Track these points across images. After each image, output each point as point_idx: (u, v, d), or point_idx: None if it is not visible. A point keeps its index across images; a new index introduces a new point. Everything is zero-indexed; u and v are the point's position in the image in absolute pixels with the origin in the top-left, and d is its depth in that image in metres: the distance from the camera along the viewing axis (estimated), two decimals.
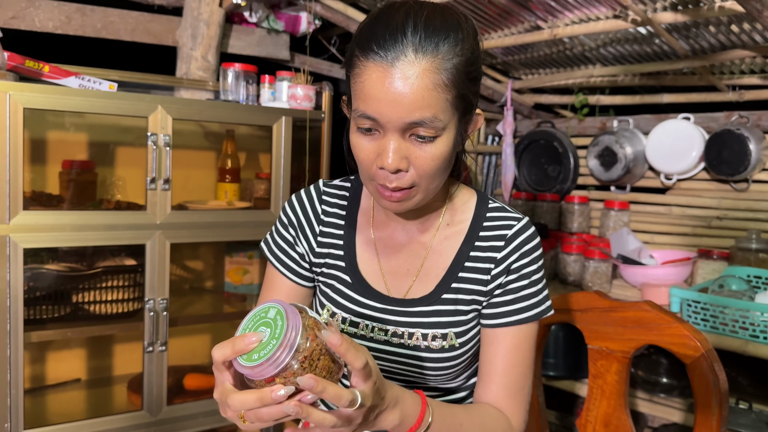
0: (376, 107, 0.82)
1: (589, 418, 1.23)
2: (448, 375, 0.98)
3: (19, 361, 1.58)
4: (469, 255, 0.97)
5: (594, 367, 1.22)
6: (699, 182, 2.22)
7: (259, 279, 2.14)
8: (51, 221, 1.59)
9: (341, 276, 1.00)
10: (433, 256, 0.98)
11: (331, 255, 1.01)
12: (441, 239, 0.99)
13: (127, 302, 1.81)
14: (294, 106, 1.96)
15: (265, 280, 1.05)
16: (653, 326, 1.14)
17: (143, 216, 1.71)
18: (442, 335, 0.95)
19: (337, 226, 1.02)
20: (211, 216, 1.84)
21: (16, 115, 1.51)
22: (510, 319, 0.95)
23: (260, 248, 1.05)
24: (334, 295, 0.99)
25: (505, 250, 0.95)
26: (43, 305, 1.72)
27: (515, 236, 0.96)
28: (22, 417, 1.59)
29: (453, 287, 0.96)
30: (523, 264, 0.95)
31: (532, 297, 0.96)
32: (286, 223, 1.03)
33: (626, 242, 2.18)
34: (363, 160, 0.87)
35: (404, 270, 0.99)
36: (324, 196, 1.04)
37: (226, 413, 0.71)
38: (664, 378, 2.04)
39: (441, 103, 0.82)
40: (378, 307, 0.97)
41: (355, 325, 0.98)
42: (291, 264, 1.02)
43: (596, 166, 2.35)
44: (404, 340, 0.96)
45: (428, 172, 0.86)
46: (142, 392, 1.77)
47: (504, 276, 0.95)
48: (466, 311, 0.96)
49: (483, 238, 0.97)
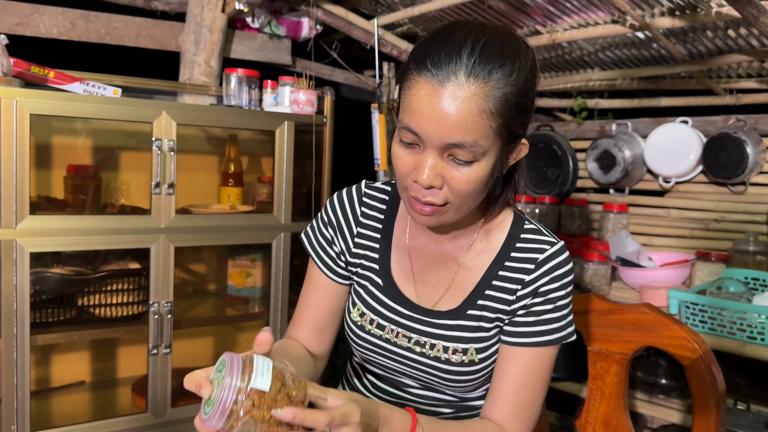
0: (420, 123, 0.83)
1: (588, 419, 1.25)
2: (466, 387, 0.99)
3: (25, 363, 1.59)
4: (498, 274, 0.97)
5: (593, 368, 1.24)
6: (697, 185, 2.24)
7: (262, 282, 2.16)
8: (57, 225, 1.61)
9: (374, 278, 1.03)
10: (463, 272, 0.99)
11: (366, 257, 1.04)
12: (473, 256, 1.00)
13: (131, 305, 1.82)
14: (296, 111, 1.98)
15: (307, 273, 1.09)
16: (652, 328, 1.16)
17: (148, 220, 1.73)
18: (462, 350, 0.96)
19: (374, 229, 1.04)
20: (215, 220, 1.86)
21: (22, 120, 1.53)
22: (528, 340, 0.95)
23: (300, 240, 1.10)
24: (366, 297, 1.02)
25: (535, 274, 0.95)
26: (49, 308, 1.73)
27: (547, 261, 0.95)
28: (28, 419, 1.61)
29: (479, 304, 0.97)
30: (551, 288, 0.95)
31: (554, 322, 0.95)
32: (326, 221, 1.06)
33: (625, 244, 2.20)
34: (400, 170, 0.88)
35: (434, 281, 1.00)
36: (365, 198, 1.06)
37: None
38: (663, 379, 2.06)
39: (484, 130, 0.82)
40: (405, 314, 0.99)
41: (382, 328, 1.00)
42: (328, 261, 1.05)
43: (595, 169, 2.37)
44: (426, 349, 0.97)
45: (461, 193, 0.86)
46: (147, 394, 1.79)
47: (530, 298, 0.95)
48: (488, 328, 0.97)
49: (514, 259, 0.97)
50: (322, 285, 1.06)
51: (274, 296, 1.99)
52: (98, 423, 1.73)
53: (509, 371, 0.95)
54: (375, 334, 1.00)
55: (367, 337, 1.01)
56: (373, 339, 1.01)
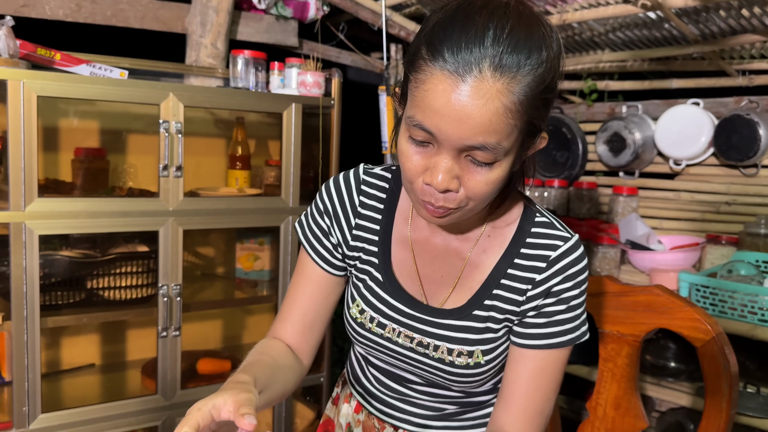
0: (436, 122, 0.73)
1: (599, 400, 1.24)
2: (472, 385, 0.95)
3: (36, 345, 1.60)
4: (507, 272, 0.90)
5: (605, 350, 1.23)
6: (708, 167, 2.21)
7: (270, 265, 2.16)
8: (65, 208, 1.61)
9: (374, 273, 0.95)
10: (469, 269, 0.92)
11: (365, 250, 0.96)
12: (479, 251, 0.92)
13: (140, 288, 1.83)
14: (304, 93, 1.97)
15: (298, 263, 1.01)
16: (664, 310, 1.15)
17: (156, 203, 1.73)
18: (468, 353, 0.90)
19: (373, 220, 0.96)
20: (223, 203, 1.85)
21: (30, 102, 1.53)
22: (540, 342, 0.89)
23: (294, 230, 1.02)
24: (365, 292, 0.96)
25: (546, 273, 0.88)
26: (58, 291, 1.74)
27: (559, 259, 0.88)
28: (39, 400, 1.62)
29: (486, 304, 0.90)
30: (564, 288, 0.88)
31: (567, 322, 0.89)
32: (322, 210, 0.98)
33: (635, 228, 2.19)
34: (409, 170, 0.79)
35: (438, 277, 0.93)
36: (363, 186, 0.97)
37: None
38: (672, 362, 2.06)
39: (507, 129, 0.73)
40: (406, 312, 0.93)
41: (383, 327, 0.94)
42: (324, 252, 0.98)
43: (605, 152, 2.35)
44: (429, 351, 0.92)
45: (479, 196, 0.79)
46: (157, 376, 1.79)
47: (541, 299, 0.88)
48: (496, 329, 0.90)
49: (524, 256, 0.89)
50: (316, 277, 0.98)
51: (282, 279, 1.99)
52: (108, 405, 1.74)
53: (520, 375, 0.89)
54: (375, 333, 0.95)
55: (367, 335, 0.96)
56: (373, 337, 0.95)
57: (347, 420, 1.08)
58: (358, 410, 1.07)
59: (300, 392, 2.24)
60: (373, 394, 1.04)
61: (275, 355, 0.90)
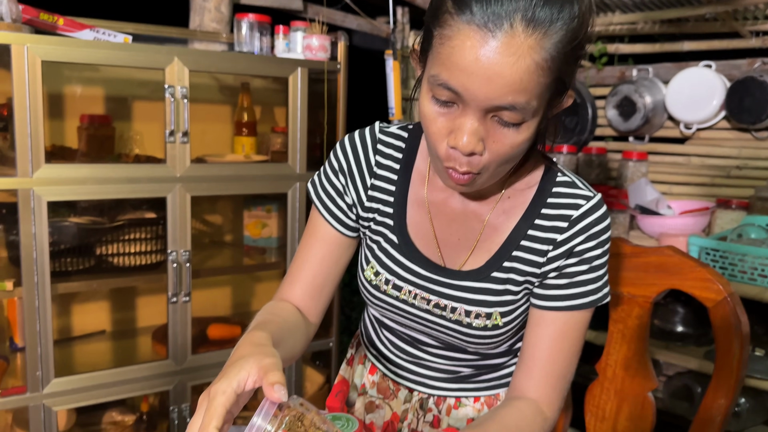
0: (463, 81, 0.69)
1: (609, 362, 1.25)
2: (489, 347, 0.93)
3: (47, 311, 1.61)
4: (527, 233, 0.87)
5: (615, 312, 1.23)
6: (719, 131, 2.19)
7: (277, 232, 2.16)
8: (72, 174, 1.61)
9: (388, 235, 0.93)
10: (488, 231, 0.89)
11: (380, 211, 0.93)
12: (499, 213, 0.89)
13: (149, 254, 1.83)
14: (309, 57, 1.94)
15: (308, 224, 0.98)
16: (676, 271, 1.15)
17: (163, 169, 1.72)
18: (486, 314, 0.88)
19: (389, 180, 0.93)
20: (230, 169, 1.84)
21: (34, 67, 1.51)
22: (561, 303, 0.86)
23: (307, 190, 0.99)
24: (380, 254, 0.93)
25: (568, 233, 0.85)
26: (68, 258, 1.74)
27: (582, 218, 0.85)
28: (52, 365, 1.64)
29: (505, 266, 0.88)
30: (587, 248, 0.85)
31: (589, 283, 0.86)
32: (336, 169, 0.94)
33: (644, 193, 2.17)
34: (433, 134, 0.76)
35: (455, 240, 0.91)
36: (379, 146, 0.93)
37: None
38: (680, 327, 2.06)
39: (538, 88, 0.70)
40: (423, 275, 0.90)
41: (398, 289, 0.92)
42: (338, 213, 0.95)
43: (615, 117, 2.32)
44: (446, 313, 0.90)
45: (503, 158, 0.76)
46: (167, 342, 1.81)
47: (563, 259, 0.86)
48: (515, 291, 0.88)
49: (545, 216, 0.87)
50: (328, 238, 0.95)
51: (290, 246, 1.99)
52: (120, 369, 1.76)
53: (542, 338, 0.87)
54: (391, 295, 0.92)
55: (383, 297, 0.94)
56: (388, 299, 0.93)
57: (362, 381, 1.08)
58: (373, 372, 1.07)
59: (309, 357, 2.26)
60: (387, 357, 1.04)
61: (285, 316, 0.87)
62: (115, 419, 1.95)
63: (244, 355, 0.65)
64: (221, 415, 0.59)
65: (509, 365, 1.01)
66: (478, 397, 1.00)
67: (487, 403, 1.00)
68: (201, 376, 1.86)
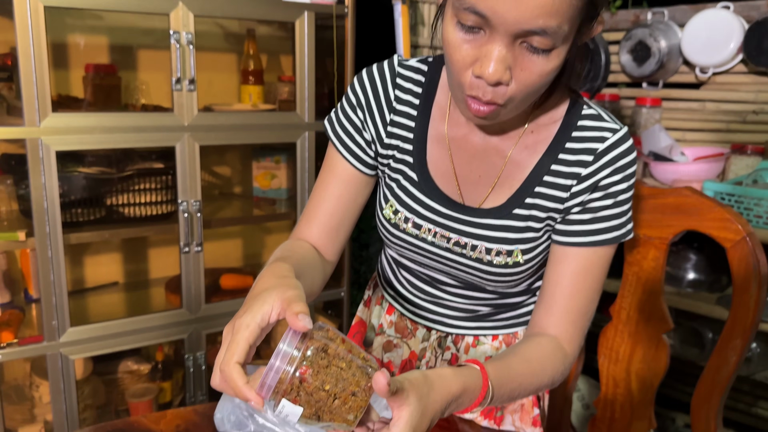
0: (491, 4, 0.66)
1: (623, 304, 1.24)
2: (509, 285, 0.93)
3: (60, 262, 1.62)
4: (551, 168, 0.85)
5: (630, 255, 1.22)
6: (736, 75, 2.14)
7: (287, 183, 2.15)
8: (80, 123, 1.59)
9: (408, 173, 0.91)
10: (510, 167, 0.87)
11: (399, 148, 0.91)
12: (521, 148, 0.87)
13: (160, 205, 1.83)
14: (316, 1, 1.89)
15: (325, 162, 0.95)
16: (694, 211, 1.13)
17: (171, 117, 1.70)
18: (507, 252, 0.87)
19: (409, 116, 0.90)
20: (238, 118, 1.82)
21: (37, 13, 1.48)
22: (584, 239, 0.85)
23: (323, 127, 0.97)
24: (399, 192, 0.91)
25: (593, 166, 0.83)
26: (79, 209, 1.74)
27: (608, 150, 0.82)
28: (67, 315, 1.65)
29: (527, 202, 0.86)
30: (613, 182, 0.83)
31: (614, 218, 0.84)
32: (355, 104, 0.92)
33: (658, 139, 2.14)
34: (457, 62, 0.73)
35: (476, 177, 0.89)
36: (398, 80, 0.90)
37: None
38: (692, 273, 2.06)
39: (570, 11, 0.67)
40: (443, 213, 0.89)
41: (418, 227, 0.90)
42: (355, 149, 0.92)
43: (628, 62, 2.27)
44: (466, 251, 0.88)
45: (530, 87, 0.73)
46: (181, 292, 1.82)
47: (588, 194, 0.84)
48: (537, 228, 0.87)
49: (569, 151, 0.84)
50: (346, 175, 0.93)
51: (300, 197, 1.98)
52: (135, 318, 1.77)
53: (563, 275, 0.85)
54: (410, 233, 0.91)
55: (402, 235, 0.92)
56: (408, 238, 0.92)
57: (379, 321, 1.08)
58: (391, 312, 1.07)
59: (321, 306, 2.28)
60: (405, 297, 1.04)
61: (303, 253, 0.86)
62: (131, 368, 1.98)
63: (267, 288, 0.64)
64: (244, 349, 0.59)
65: (528, 304, 1.01)
66: (497, 335, 1.00)
67: (506, 341, 1.01)
68: (215, 325, 1.88)
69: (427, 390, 0.64)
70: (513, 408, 1.00)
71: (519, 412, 1.00)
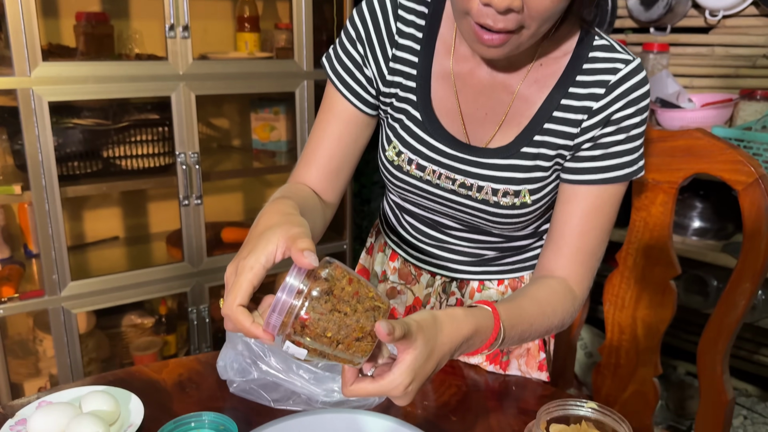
0: None
1: (629, 250, 1.22)
2: (515, 228, 0.90)
3: (58, 215, 1.60)
4: (560, 103, 0.81)
5: (638, 200, 1.20)
6: (746, 18, 2.07)
7: (286, 136, 2.11)
8: (72, 73, 1.55)
9: (411, 112, 0.87)
10: (517, 103, 0.83)
11: (402, 86, 0.87)
12: (530, 82, 0.83)
13: (157, 157, 1.80)
14: None
15: (323, 102, 0.90)
16: (704, 154, 1.10)
17: (165, 66, 1.65)
18: (514, 192, 0.84)
19: (412, 51, 0.85)
20: (235, 66, 1.77)
21: None
22: (595, 176, 0.82)
23: (321, 64, 0.91)
24: (402, 132, 0.88)
25: (605, 99, 0.79)
26: (75, 162, 1.71)
27: (621, 82, 0.79)
28: (68, 269, 1.64)
29: (536, 140, 0.82)
30: (625, 115, 0.80)
31: (625, 154, 0.81)
32: (354, 38, 0.86)
33: (665, 85, 2.09)
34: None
35: (482, 115, 0.85)
36: (401, 11, 0.84)
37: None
38: (697, 222, 2.04)
39: None
40: (448, 153, 0.85)
41: (422, 169, 0.87)
42: (356, 87, 0.88)
43: (636, 5, 2.20)
44: (472, 192, 0.85)
45: (544, 15, 0.69)
46: (182, 245, 1.81)
47: (599, 128, 0.80)
48: (546, 167, 0.83)
49: (580, 84, 0.80)
50: (345, 115, 0.88)
51: (300, 149, 1.95)
52: (137, 272, 1.77)
53: (572, 214, 0.83)
54: (414, 176, 0.88)
55: (405, 178, 0.89)
56: (412, 180, 0.89)
57: (382, 268, 1.06)
58: (394, 258, 1.05)
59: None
60: (409, 242, 1.02)
61: (304, 196, 0.82)
62: (135, 322, 1.98)
63: (271, 225, 0.61)
64: (247, 292, 0.57)
65: (534, 247, 0.99)
66: (502, 279, 0.99)
67: (511, 286, 0.99)
68: (218, 278, 1.88)
69: (435, 332, 0.62)
70: (519, 353, 0.99)
71: (525, 356, 0.99)
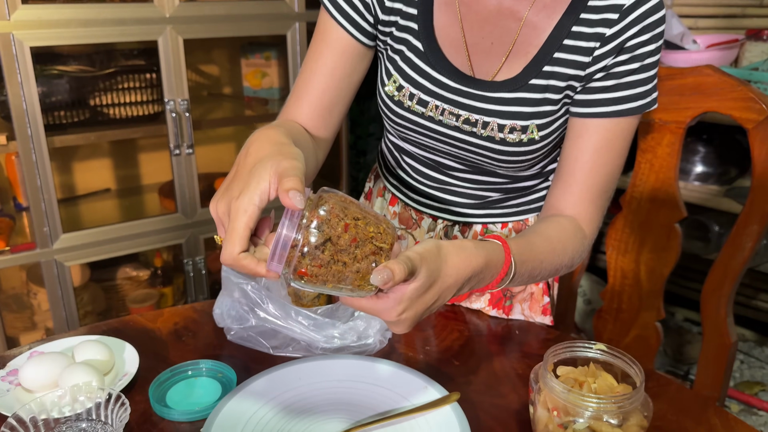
0: None
1: (634, 194, 1.20)
2: (522, 166, 0.86)
3: (46, 166, 1.55)
4: (571, 30, 0.76)
5: (644, 141, 1.16)
6: None
7: (279, 83, 2.05)
8: (54, 16, 1.48)
9: (412, 42, 0.82)
10: (525, 31, 0.78)
11: (402, 13, 0.81)
12: (538, 8, 0.78)
13: (146, 104, 1.74)
14: None
15: (316, 30, 0.84)
16: (714, 91, 1.06)
17: (151, 9, 1.58)
18: (522, 128, 0.79)
19: None
20: (223, 8, 1.70)
21: None
22: (607, 109, 0.77)
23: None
24: (403, 65, 0.82)
25: (619, 25, 0.74)
26: (61, 111, 1.66)
27: (634, 7, 0.74)
28: (58, 221, 1.61)
29: (545, 71, 0.78)
30: (640, 42, 0.75)
31: (638, 85, 0.77)
32: None
33: (669, 26, 2.02)
34: None
35: (488, 45, 0.80)
36: None
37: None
38: (700, 166, 2.00)
39: None
40: (451, 87, 0.81)
41: (424, 104, 0.82)
42: (352, 14, 0.81)
43: None
44: (477, 128, 0.81)
45: None
46: (175, 196, 1.77)
47: (612, 57, 0.76)
48: (555, 100, 0.79)
49: (591, 9, 0.76)
50: (339, 46, 0.82)
51: None
52: (131, 223, 1.73)
53: (583, 150, 0.78)
54: (416, 112, 0.83)
55: (406, 114, 0.84)
56: (413, 117, 0.84)
57: (382, 213, 1.03)
58: (394, 203, 1.02)
59: None
60: (409, 185, 0.98)
61: (295, 133, 0.75)
62: (130, 274, 1.96)
63: (263, 157, 0.56)
64: (245, 237, 0.53)
65: (540, 189, 0.95)
66: (506, 222, 0.96)
67: (515, 229, 0.96)
68: (213, 230, 1.84)
69: (439, 263, 0.59)
70: (522, 297, 0.97)
71: (529, 300, 0.97)
